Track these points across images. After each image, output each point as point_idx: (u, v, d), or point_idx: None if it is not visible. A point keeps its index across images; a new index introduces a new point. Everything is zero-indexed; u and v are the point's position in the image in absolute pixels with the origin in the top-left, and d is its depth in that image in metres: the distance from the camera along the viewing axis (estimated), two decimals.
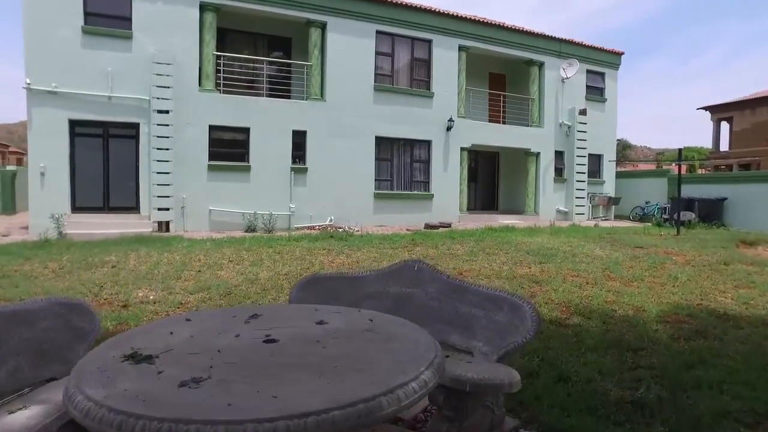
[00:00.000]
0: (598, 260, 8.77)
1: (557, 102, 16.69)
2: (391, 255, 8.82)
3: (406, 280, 3.30)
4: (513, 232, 12.54)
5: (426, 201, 14.33)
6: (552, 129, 16.61)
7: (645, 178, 19.39)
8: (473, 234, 11.87)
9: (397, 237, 10.99)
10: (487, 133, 15.34)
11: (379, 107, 13.60)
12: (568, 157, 16.89)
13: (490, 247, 9.99)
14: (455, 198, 14.76)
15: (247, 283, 6.45)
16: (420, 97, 14.20)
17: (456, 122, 14.56)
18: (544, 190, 16.43)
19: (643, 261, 8.81)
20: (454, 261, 8.37)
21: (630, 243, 11.02)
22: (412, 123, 14.03)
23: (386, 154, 14.03)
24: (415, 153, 14.38)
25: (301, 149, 12.78)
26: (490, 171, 17.96)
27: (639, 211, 18.36)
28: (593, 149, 17.27)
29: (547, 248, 9.96)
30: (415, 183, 14.42)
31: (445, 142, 14.56)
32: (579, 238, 11.61)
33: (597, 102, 17.64)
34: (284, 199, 12.53)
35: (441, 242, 10.43)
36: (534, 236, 11.73)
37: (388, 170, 14.03)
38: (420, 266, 3.24)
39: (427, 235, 11.40)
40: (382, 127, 13.64)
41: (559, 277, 7.24)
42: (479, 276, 7.23)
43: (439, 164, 14.52)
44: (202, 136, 11.82)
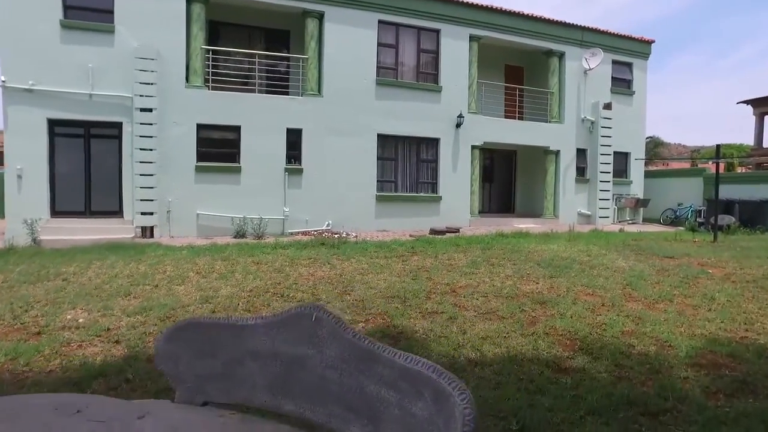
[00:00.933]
0: (618, 274, 7.62)
1: (579, 96, 15.41)
2: (382, 266, 7.90)
3: (301, 335, 2.29)
4: (526, 238, 11.41)
5: (433, 204, 13.33)
6: (573, 125, 15.34)
7: (677, 177, 17.86)
8: (481, 240, 10.82)
9: (395, 244, 10.05)
10: (501, 130, 14.22)
11: (381, 103, 12.68)
12: (591, 156, 15.58)
13: (497, 256, 8.95)
14: (465, 200, 13.71)
15: (201, 302, 5.64)
16: (427, 92, 13.21)
17: (466, 118, 13.51)
18: (564, 192, 15.18)
19: (673, 275, 7.62)
20: (450, 274, 7.38)
21: (658, 252, 9.77)
22: (418, 119, 13.06)
23: (390, 153, 13.09)
24: (421, 152, 13.40)
25: (296, 149, 11.98)
26: (506, 171, 16.80)
27: (670, 214, 16.86)
28: (619, 147, 15.90)
29: (562, 258, 8.85)
30: (422, 184, 13.43)
31: (454, 140, 13.53)
32: (600, 246, 10.42)
33: (624, 95, 16.26)
34: (277, 203, 11.75)
35: (443, 250, 9.44)
36: (549, 243, 10.59)
37: (391, 171, 13.09)
38: (319, 316, 2.22)
39: (430, 242, 10.42)
40: (384, 124, 12.71)
41: (570, 297, 6.17)
42: (475, 294, 6.23)
43: (448, 164, 13.49)
44: (190, 135, 11.15)
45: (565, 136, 15.15)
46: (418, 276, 7.21)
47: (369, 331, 4.75)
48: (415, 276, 7.22)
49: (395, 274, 7.38)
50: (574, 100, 15.31)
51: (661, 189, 17.61)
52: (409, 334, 4.69)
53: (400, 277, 7.18)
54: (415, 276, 7.22)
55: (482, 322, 5.12)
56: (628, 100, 16.35)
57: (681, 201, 16.78)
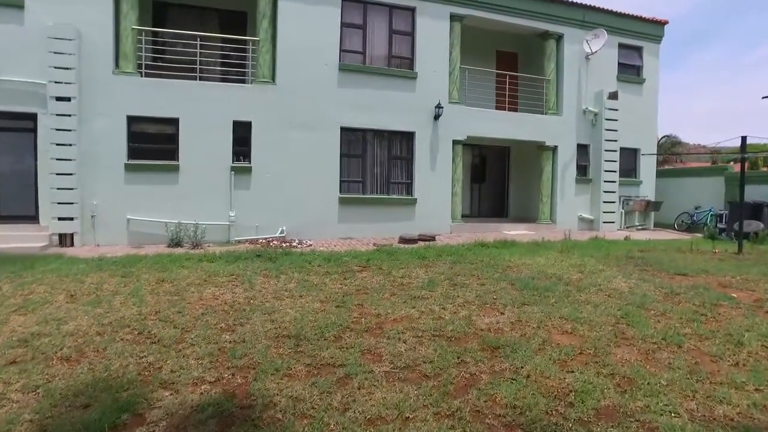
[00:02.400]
0: (614, 300, 5.87)
1: (580, 84, 13.59)
2: (313, 287, 6.28)
3: None
4: (510, 248, 9.66)
5: (407, 207, 11.64)
6: (573, 117, 13.52)
7: (695, 177, 15.86)
8: (455, 251, 9.11)
9: (349, 256, 8.41)
10: (488, 123, 12.48)
11: (346, 92, 11.06)
12: (594, 152, 13.73)
13: (465, 272, 7.25)
14: (446, 203, 11.99)
15: (15, 344, 4.06)
16: (400, 79, 11.54)
17: (446, 109, 11.80)
18: (563, 193, 13.36)
19: (685, 301, 5.83)
20: (392, 300, 5.72)
21: (669, 267, 7.96)
22: (390, 110, 11.40)
23: (356, 149, 11.45)
24: (393, 147, 11.73)
25: (244, 144, 10.41)
26: (498, 170, 15.02)
27: (686, 219, 14.90)
28: (627, 142, 14.02)
29: (546, 276, 7.11)
30: (394, 185, 11.76)
31: (432, 134, 11.83)
32: (597, 259, 8.62)
33: (632, 83, 14.37)
34: (222, 206, 10.18)
35: (402, 265, 7.77)
36: (536, 255, 8.84)
37: (358, 169, 11.45)
38: None
39: (392, 254, 8.75)
40: (349, 116, 11.08)
41: (538, 338, 4.46)
42: (406, 332, 4.56)
43: (425, 161, 11.79)
44: (119, 128, 9.64)
45: (563, 129, 13.34)
46: (348, 302, 5.56)
47: (198, 405, 3.10)
48: (343, 302, 5.57)
49: (321, 298, 5.75)
50: (574, 88, 13.50)
51: (675, 190, 15.64)
52: (258, 412, 3.04)
53: (324, 303, 5.55)
54: (343, 302, 5.57)
55: (389, 385, 3.46)
56: (637, 89, 14.46)
57: (699, 204, 14.80)
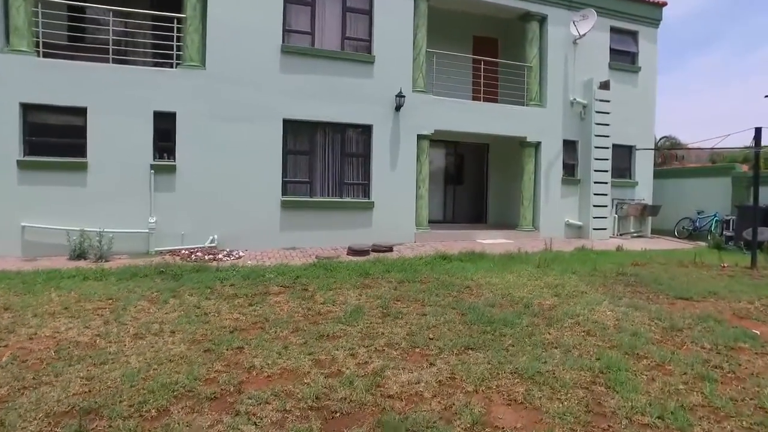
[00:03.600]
0: (594, 338, 4.32)
1: (567, 72, 12.06)
2: (209, 315, 4.79)
3: None
4: (478, 262, 8.09)
5: (364, 213, 10.07)
6: (559, 109, 11.98)
7: (697, 177, 14.28)
8: (408, 266, 7.55)
9: (276, 272, 6.88)
10: (461, 115, 10.94)
11: (290, 78, 9.52)
12: (583, 149, 12.19)
13: (408, 296, 5.70)
14: (409, 208, 10.43)
15: None
16: (355, 64, 10.00)
17: (410, 98, 10.26)
18: (547, 196, 11.80)
19: (691, 342, 4.28)
20: (290, 339, 4.22)
21: (668, 286, 6.40)
22: (343, 100, 9.85)
23: (302, 145, 9.89)
24: (347, 143, 10.18)
25: (168, 139, 8.87)
26: (476, 171, 13.47)
27: (687, 225, 13.34)
28: (620, 138, 12.49)
29: (513, 301, 5.56)
30: (348, 187, 10.19)
31: (393, 128, 10.28)
32: (581, 276, 7.06)
33: (626, 72, 12.85)
34: (140, 211, 8.62)
35: (334, 285, 6.23)
36: (507, 271, 7.27)
37: (304, 168, 9.88)
38: None
39: (331, 269, 7.20)
40: (294, 107, 9.54)
41: (468, 414, 2.91)
42: (273, 400, 3.07)
43: (384, 159, 10.24)
44: (10, 119, 8.10)
45: (547, 123, 11.80)
46: (226, 343, 4.08)
47: None
48: (219, 343, 4.07)
49: (196, 336, 4.27)
50: (560, 77, 11.97)
51: (675, 192, 14.08)
52: None
53: (193, 345, 4.07)
54: (219, 343, 4.07)
55: None
56: (632, 78, 12.94)
57: (701, 208, 13.25)
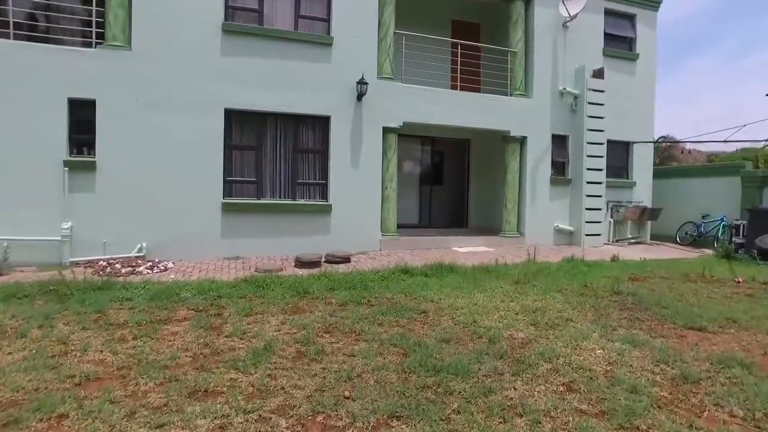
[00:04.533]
0: (577, 395, 3.02)
1: (556, 58, 10.78)
2: (68, 354, 3.51)
3: None
4: (445, 277, 6.80)
5: (320, 217, 8.77)
6: (547, 100, 10.70)
7: (702, 177, 12.98)
8: (359, 282, 6.25)
9: (197, 290, 5.64)
10: (434, 106, 9.64)
11: (233, 62, 8.22)
12: (574, 146, 10.91)
13: (344, 325, 4.44)
14: (373, 211, 9.13)
15: None
16: (310, 46, 8.71)
17: (374, 86, 8.98)
18: (534, 198, 10.51)
19: (713, 403, 2.97)
20: (126, 406, 2.85)
21: (675, 310, 5.11)
22: (296, 87, 8.56)
23: (248, 138, 8.59)
24: (301, 137, 8.88)
25: (87, 131, 7.58)
26: (457, 169, 12.19)
27: (691, 231, 12.08)
28: (616, 133, 11.23)
29: (477, 332, 4.29)
30: (302, 187, 8.89)
31: (354, 119, 8.98)
32: (568, 295, 5.77)
33: (623, 59, 11.59)
34: (52, 216, 7.31)
35: (260, 307, 4.99)
36: (478, 289, 5.98)
37: (250, 166, 8.58)
38: None
39: (265, 286, 5.94)
40: (239, 95, 8.24)
41: None
42: None
43: (344, 155, 8.94)
44: None
45: (534, 115, 10.52)
46: (43, 409, 2.71)
47: None
48: (38, 407, 2.75)
49: (12, 397, 2.90)
50: (548, 64, 10.68)
51: (677, 193, 12.80)
52: None
53: None
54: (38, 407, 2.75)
55: None
56: (629, 66, 11.67)
57: (707, 211, 11.98)
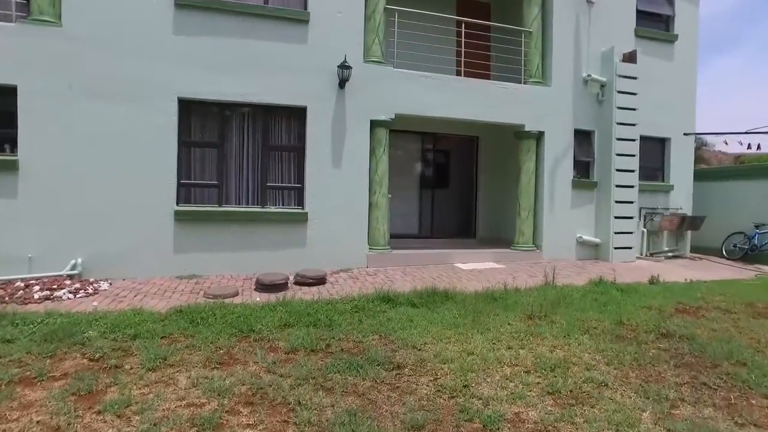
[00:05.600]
0: None
1: (579, 39, 9.22)
2: None
3: None
4: (437, 308, 5.36)
5: (295, 227, 7.40)
6: (568, 89, 9.15)
7: (756, 179, 11.01)
8: (324, 316, 4.86)
9: (112, 324, 4.43)
10: (434, 95, 8.18)
11: (189, 42, 6.92)
12: (600, 143, 9.33)
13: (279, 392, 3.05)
14: (359, 220, 7.72)
15: None
16: (282, 23, 7.35)
17: (362, 72, 7.58)
18: (553, 204, 8.97)
19: None
20: None
21: (755, 366, 3.57)
22: (265, 72, 7.21)
23: (207, 134, 7.27)
24: (272, 132, 7.53)
25: (6, 124, 6.37)
26: (464, 171, 10.70)
27: (741, 243, 10.33)
28: (650, 128, 9.62)
29: (468, 408, 2.82)
30: (273, 192, 7.54)
31: (336, 111, 7.59)
32: (598, 339, 4.25)
33: (659, 41, 9.95)
34: None
35: (183, 353, 3.67)
36: (479, 328, 4.53)
37: (210, 167, 7.26)
38: None
39: (201, 321, 4.67)
40: (195, 82, 6.93)
41: None
42: None
43: (323, 154, 7.55)
44: None
45: (553, 107, 8.98)
46: None
47: None
48: None
49: None
50: (569, 46, 9.13)
51: (723, 199, 11.00)
52: None
53: None
54: None
55: None
56: (666, 49, 10.02)
57: (761, 219, 10.22)
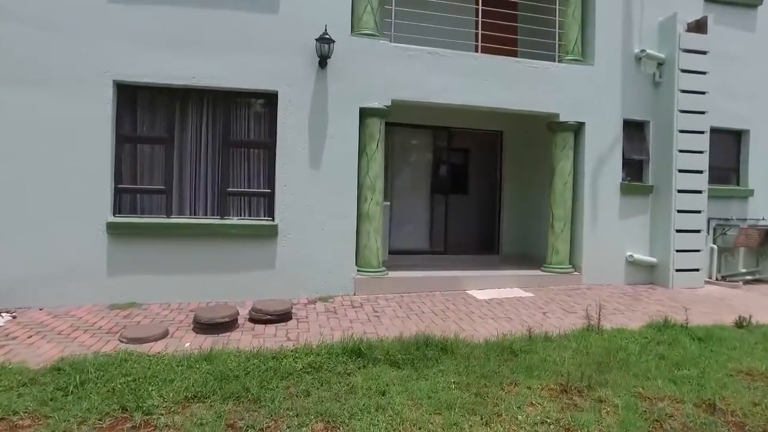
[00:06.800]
0: None
1: (629, 5, 7.38)
2: None
3: None
4: (428, 371, 3.73)
5: (261, 244, 5.90)
6: (615, 68, 7.32)
7: None
8: (255, 381, 3.29)
9: None
10: (442, 77, 6.53)
11: (127, 13, 5.56)
12: (658, 136, 7.45)
13: None
14: (345, 236, 6.15)
15: None
16: None
17: (348, 47, 6.05)
18: (596, 214, 7.15)
19: None
20: None
21: None
22: (225, 49, 5.77)
23: (152, 127, 5.87)
24: (234, 124, 6.06)
25: None
26: (484, 172, 9.00)
27: None
28: (723, 117, 7.69)
29: None
30: (236, 199, 6.07)
31: (315, 97, 6.06)
32: None
33: (736, 6, 8.00)
34: None
35: None
36: (481, 414, 2.87)
37: (156, 168, 5.86)
38: None
39: (80, 386, 3.15)
40: (136, 62, 5.56)
41: None
42: None
43: (299, 151, 6.03)
44: None
45: (596, 91, 7.18)
46: None
47: None
48: None
49: None
50: (616, 14, 7.32)
51: None
52: None
53: None
54: None
55: None
56: (746, 17, 8.03)
57: None
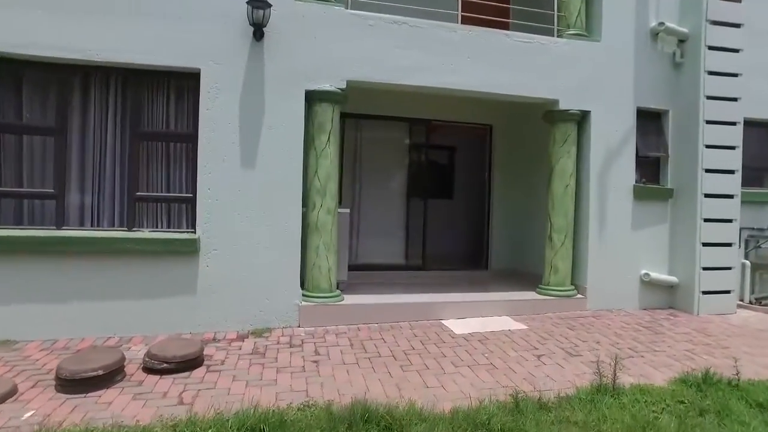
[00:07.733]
0: None
1: None
2: None
3: None
4: None
5: (179, 263, 4.65)
6: (627, 45, 6.07)
7: None
8: None
9: None
10: (415, 52, 5.30)
11: None
12: (678, 128, 6.20)
13: None
14: (288, 252, 4.91)
15: None
16: None
17: (292, 14, 4.85)
18: (603, 224, 5.89)
19: None
20: None
21: None
22: (132, 15, 4.56)
23: (36, 114, 4.67)
24: (145, 112, 4.84)
25: None
26: (472, 173, 7.76)
27: None
28: (759, 107, 6.39)
29: None
30: (147, 207, 4.84)
31: (248, 76, 4.82)
32: None
33: None
34: None
35: None
36: None
37: (42, 167, 4.65)
38: None
39: None
40: (17, 28, 4.37)
41: None
42: None
43: (228, 145, 4.79)
44: None
45: (604, 74, 5.93)
46: None
47: None
48: None
49: None
50: None
51: None
52: None
53: None
54: None
55: None
56: None
57: None
